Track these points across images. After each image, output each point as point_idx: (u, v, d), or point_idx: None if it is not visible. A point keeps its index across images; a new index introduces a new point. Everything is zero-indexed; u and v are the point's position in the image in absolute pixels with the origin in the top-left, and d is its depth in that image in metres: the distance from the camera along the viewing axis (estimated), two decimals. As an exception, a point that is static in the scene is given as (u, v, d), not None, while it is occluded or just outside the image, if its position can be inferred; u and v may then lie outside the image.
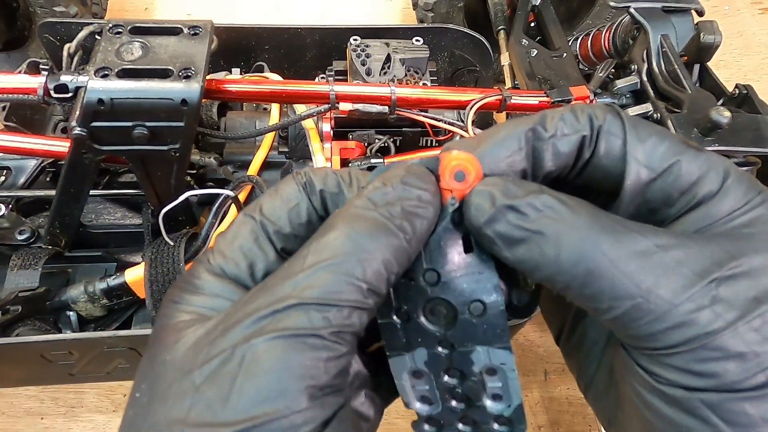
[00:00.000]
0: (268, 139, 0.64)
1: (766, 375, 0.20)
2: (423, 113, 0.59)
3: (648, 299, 0.20)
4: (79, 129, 0.48)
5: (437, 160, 0.22)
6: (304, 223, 0.24)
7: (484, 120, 0.76)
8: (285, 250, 0.23)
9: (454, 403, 0.25)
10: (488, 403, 0.24)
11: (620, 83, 0.61)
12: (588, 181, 0.23)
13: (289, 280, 0.20)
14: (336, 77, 0.58)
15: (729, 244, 0.21)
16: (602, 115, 0.22)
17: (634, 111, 0.58)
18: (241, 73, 0.71)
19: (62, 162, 0.54)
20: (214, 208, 0.58)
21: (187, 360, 0.21)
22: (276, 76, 0.66)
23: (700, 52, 0.59)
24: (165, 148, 0.51)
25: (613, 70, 0.67)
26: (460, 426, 0.25)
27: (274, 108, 0.65)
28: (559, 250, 0.21)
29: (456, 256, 0.22)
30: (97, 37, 0.52)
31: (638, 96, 0.61)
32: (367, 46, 0.67)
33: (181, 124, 0.50)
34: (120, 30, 0.52)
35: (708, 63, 0.62)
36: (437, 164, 0.22)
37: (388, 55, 0.66)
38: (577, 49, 0.78)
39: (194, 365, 0.20)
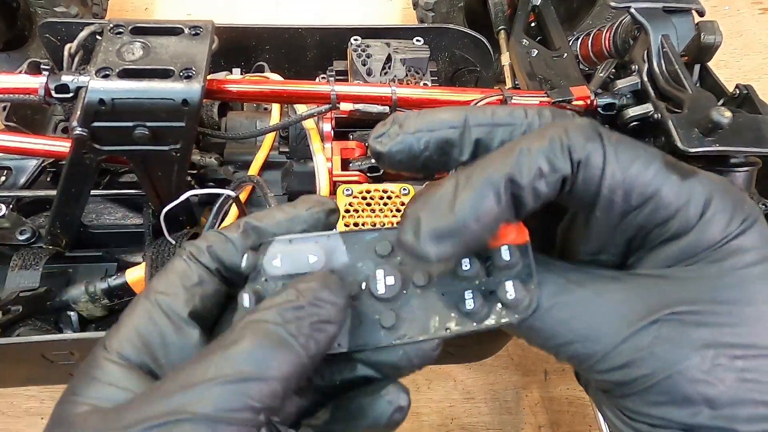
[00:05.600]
0: (269, 139, 0.64)
1: (715, 418, 0.20)
2: (424, 113, 0.59)
3: (584, 344, 0.22)
4: (80, 129, 0.48)
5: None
6: (199, 284, 0.24)
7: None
8: (194, 314, 0.23)
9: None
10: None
11: (621, 83, 0.61)
12: (568, 202, 0.23)
13: (185, 390, 0.20)
14: (337, 77, 0.58)
15: (684, 285, 0.22)
16: (582, 146, 0.21)
17: (634, 111, 0.58)
18: (241, 73, 0.71)
19: (63, 162, 0.54)
20: (215, 208, 0.58)
21: None
22: (277, 76, 0.66)
23: (700, 52, 0.59)
24: (166, 148, 0.51)
25: (613, 70, 0.67)
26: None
27: (275, 108, 0.65)
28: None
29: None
30: (98, 37, 0.52)
31: (639, 96, 0.61)
32: (367, 46, 0.67)
33: (182, 124, 0.50)
34: (121, 30, 0.52)
35: (708, 63, 0.62)
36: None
37: (389, 55, 0.66)
38: (578, 49, 0.78)
39: None
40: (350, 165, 0.63)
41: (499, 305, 0.22)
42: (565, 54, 0.76)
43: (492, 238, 0.22)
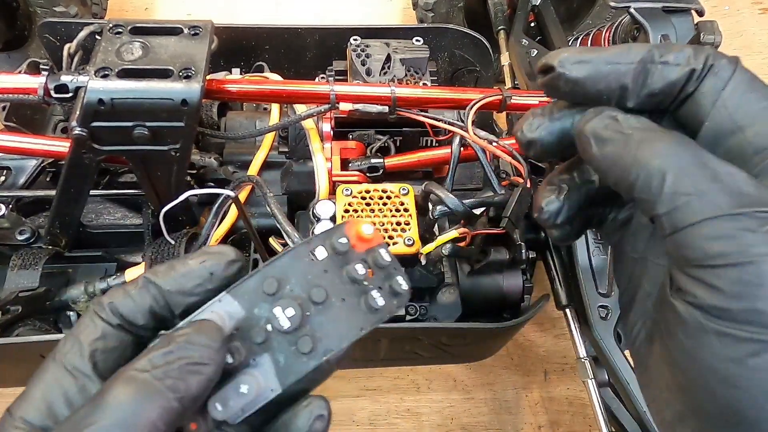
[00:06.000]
0: (269, 139, 0.64)
1: None
2: (423, 113, 0.59)
3: (701, 199, 0.21)
4: (79, 129, 0.48)
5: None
6: (101, 338, 0.24)
7: (484, 120, 0.76)
8: (98, 369, 0.24)
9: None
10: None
11: (620, 83, 0.61)
12: (682, 117, 0.25)
13: None
14: (336, 77, 0.58)
15: None
16: (719, 59, 0.24)
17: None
18: (241, 73, 0.71)
19: (62, 162, 0.54)
20: (215, 208, 0.58)
21: None
22: (276, 76, 0.66)
23: (700, 52, 0.59)
24: (165, 148, 0.51)
25: (613, 70, 0.67)
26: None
27: (274, 108, 0.65)
28: (638, 149, 0.23)
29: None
30: (97, 37, 0.52)
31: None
32: (367, 46, 0.67)
33: (182, 124, 0.50)
34: (120, 30, 0.52)
35: (708, 63, 0.62)
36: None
37: (388, 55, 0.66)
38: (578, 49, 0.78)
39: None
40: (350, 165, 0.63)
41: (395, 296, 0.27)
42: (565, 54, 0.75)
43: (360, 245, 0.27)
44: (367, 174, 0.62)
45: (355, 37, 0.68)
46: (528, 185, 0.57)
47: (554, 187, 0.28)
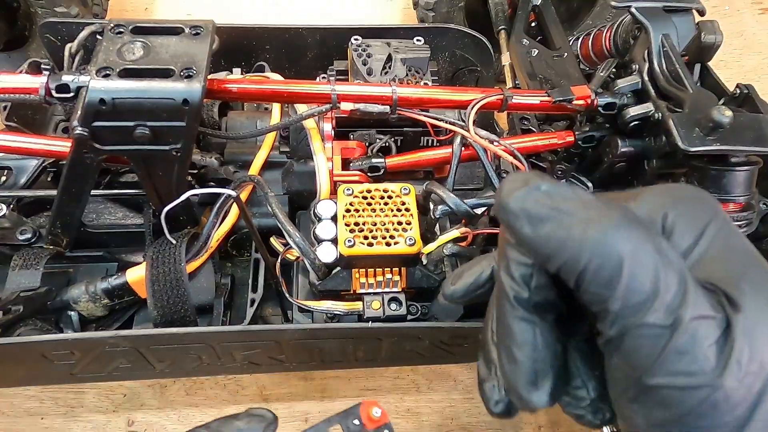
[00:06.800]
0: (270, 138, 0.64)
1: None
2: (424, 113, 0.59)
3: (659, 300, 0.21)
4: (80, 129, 0.48)
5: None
6: None
7: (485, 119, 0.76)
8: None
9: None
10: None
11: (621, 83, 0.61)
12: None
13: None
14: (337, 77, 0.58)
15: None
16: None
17: (635, 110, 0.58)
18: (242, 73, 0.71)
19: (63, 162, 0.54)
20: (216, 208, 0.58)
21: None
22: (277, 76, 0.66)
23: (700, 51, 0.59)
24: (166, 147, 0.51)
25: (614, 70, 0.67)
26: None
27: (275, 108, 0.65)
28: (586, 230, 0.21)
29: None
30: (98, 37, 0.52)
31: (639, 95, 0.60)
32: (368, 46, 0.67)
33: (183, 123, 0.50)
34: (121, 30, 0.52)
35: (709, 63, 0.62)
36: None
37: (389, 54, 0.66)
38: (578, 48, 0.78)
39: None
40: (351, 165, 0.62)
41: None
42: (566, 54, 0.76)
43: (369, 424, 0.33)
44: (368, 174, 0.62)
45: (356, 36, 0.68)
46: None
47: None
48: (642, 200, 0.25)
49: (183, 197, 0.53)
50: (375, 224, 0.53)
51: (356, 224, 0.53)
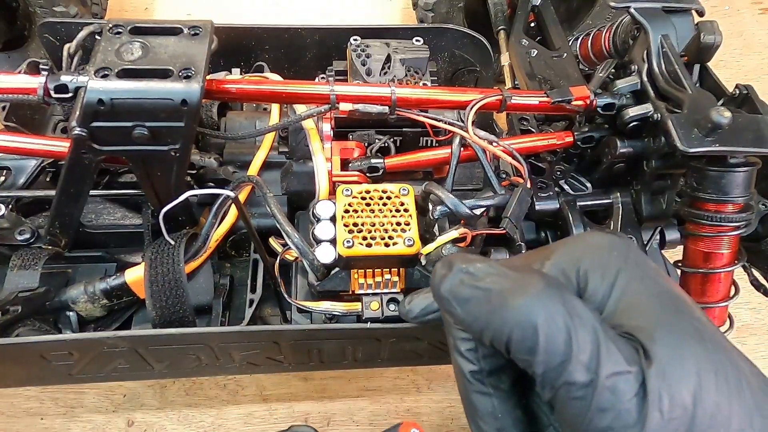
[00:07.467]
0: (268, 139, 0.64)
1: None
2: (423, 113, 0.59)
3: (574, 361, 0.22)
4: (79, 129, 0.48)
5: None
6: None
7: (484, 120, 0.76)
8: None
9: None
10: None
11: (620, 83, 0.61)
12: None
13: None
14: (336, 77, 0.58)
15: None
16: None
17: (634, 111, 0.58)
18: (241, 73, 0.71)
19: (62, 162, 0.54)
20: (214, 209, 0.58)
21: None
22: (276, 77, 0.66)
23: (700, 52, 0.59)
24: (165, 148, 0.51)
25: (613, 70, 0.67)
26: None
27: (274, 108, 0.65)
28: (504, 303, 0.23)
29: None
30: (97, 37, 0.52)
31: (638, 96, 0.60)
32: (367, 46, 0.67)
33: (182, 124, 0.50)
34: (120, 30, 0.52)
35: (708, 63, 0.62)
36: None
37: (389, 55, 0.66)
38: (577, 49, 0.78)
39: None
40: (350, 165, 0.62)
41: None
42: (565, 54, 0.75)
43: None
44: (367, 174, 0.62)
45: (355, 37, 0.68)
46: (528, 185, 0.57)
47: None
48: (556, 257, 0.26)
49: (182, 198, 0.53)
50: (374, 225, 0.53)
51: (355, 225, 0.53)
